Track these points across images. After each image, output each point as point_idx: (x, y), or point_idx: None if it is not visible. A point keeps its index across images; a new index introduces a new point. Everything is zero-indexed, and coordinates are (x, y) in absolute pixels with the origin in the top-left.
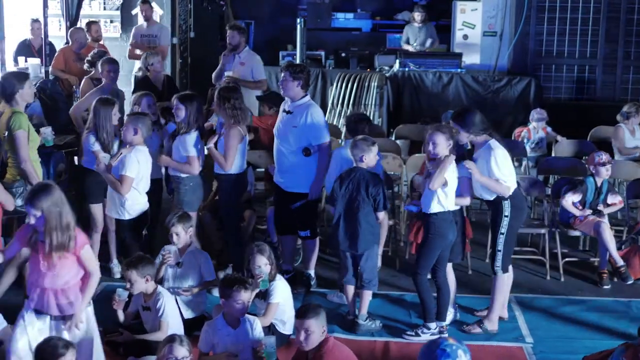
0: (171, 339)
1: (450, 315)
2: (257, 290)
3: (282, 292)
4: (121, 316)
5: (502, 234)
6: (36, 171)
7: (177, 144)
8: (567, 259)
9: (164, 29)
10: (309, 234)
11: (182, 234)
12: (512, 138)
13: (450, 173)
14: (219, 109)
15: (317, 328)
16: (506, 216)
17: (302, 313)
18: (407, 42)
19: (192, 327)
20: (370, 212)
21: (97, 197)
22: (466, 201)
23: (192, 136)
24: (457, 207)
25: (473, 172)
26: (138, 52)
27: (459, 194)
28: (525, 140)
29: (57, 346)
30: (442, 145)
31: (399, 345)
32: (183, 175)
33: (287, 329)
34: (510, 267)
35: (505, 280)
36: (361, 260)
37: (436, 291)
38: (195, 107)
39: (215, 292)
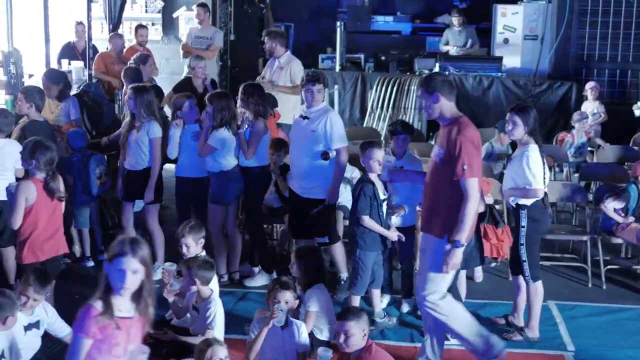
0: (209, 343)
1: None
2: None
3: (319, 299)
4: (170, 295)
5: (522, 244)
6: None
7: (211, 135)
8: (609, 267)
9: (218, 32)
10: (327, 240)
11: (192, 245)
12: (554, 143)
13: None
14: (244, 103)
15: (356, 331)
16: (523, 227)
17: (342, 315)
18: (446, 44)
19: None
20: (356, 217)
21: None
22: None
23: (222, 131)
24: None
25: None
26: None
27: None
28: (568, 146)
29: None
30: None
31: None
32: (214, 171)
33: (324, 335)
34: None
35: (539, 288)
36: None
37: None
38: (221, 105)
39: None
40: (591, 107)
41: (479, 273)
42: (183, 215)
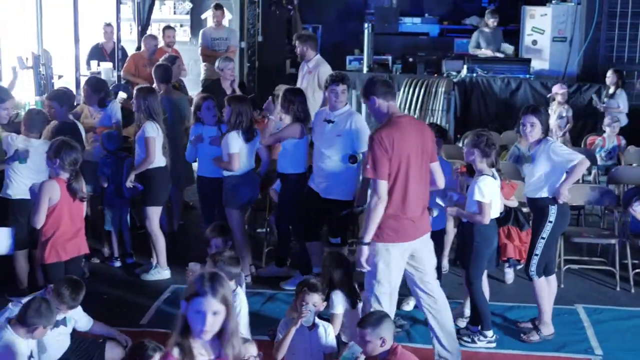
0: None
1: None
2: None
3: (345, 302)
4: None
5: (543, 238)
6: None
7: (223, 143)
8: (637, 270)
9: (233, 32)
10: (339, 242)
11: (222, 247)
12: (583, 146)
13: (493, 184)
14: (284, 109)
15: (373, 338)
16: (550, 222)
17: (361, 321)
18: (477, 47)
19: None
20: None
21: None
22: None
23: (233, 135)
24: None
25: (563, 196)
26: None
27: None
28: (598, 149)
29: (147, 348)
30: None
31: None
32: (226, 174)
33: (347, 337)
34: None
35: (543, 284)
36: None
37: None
38: (239, 108)
39: None
40: (559, 110)
41: (510, 275)
42: (207, 215)
